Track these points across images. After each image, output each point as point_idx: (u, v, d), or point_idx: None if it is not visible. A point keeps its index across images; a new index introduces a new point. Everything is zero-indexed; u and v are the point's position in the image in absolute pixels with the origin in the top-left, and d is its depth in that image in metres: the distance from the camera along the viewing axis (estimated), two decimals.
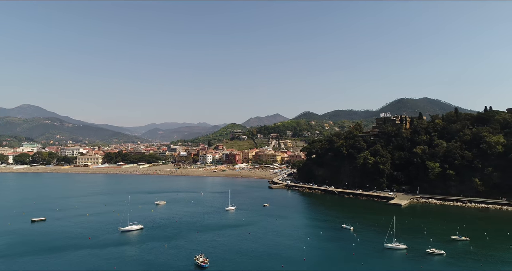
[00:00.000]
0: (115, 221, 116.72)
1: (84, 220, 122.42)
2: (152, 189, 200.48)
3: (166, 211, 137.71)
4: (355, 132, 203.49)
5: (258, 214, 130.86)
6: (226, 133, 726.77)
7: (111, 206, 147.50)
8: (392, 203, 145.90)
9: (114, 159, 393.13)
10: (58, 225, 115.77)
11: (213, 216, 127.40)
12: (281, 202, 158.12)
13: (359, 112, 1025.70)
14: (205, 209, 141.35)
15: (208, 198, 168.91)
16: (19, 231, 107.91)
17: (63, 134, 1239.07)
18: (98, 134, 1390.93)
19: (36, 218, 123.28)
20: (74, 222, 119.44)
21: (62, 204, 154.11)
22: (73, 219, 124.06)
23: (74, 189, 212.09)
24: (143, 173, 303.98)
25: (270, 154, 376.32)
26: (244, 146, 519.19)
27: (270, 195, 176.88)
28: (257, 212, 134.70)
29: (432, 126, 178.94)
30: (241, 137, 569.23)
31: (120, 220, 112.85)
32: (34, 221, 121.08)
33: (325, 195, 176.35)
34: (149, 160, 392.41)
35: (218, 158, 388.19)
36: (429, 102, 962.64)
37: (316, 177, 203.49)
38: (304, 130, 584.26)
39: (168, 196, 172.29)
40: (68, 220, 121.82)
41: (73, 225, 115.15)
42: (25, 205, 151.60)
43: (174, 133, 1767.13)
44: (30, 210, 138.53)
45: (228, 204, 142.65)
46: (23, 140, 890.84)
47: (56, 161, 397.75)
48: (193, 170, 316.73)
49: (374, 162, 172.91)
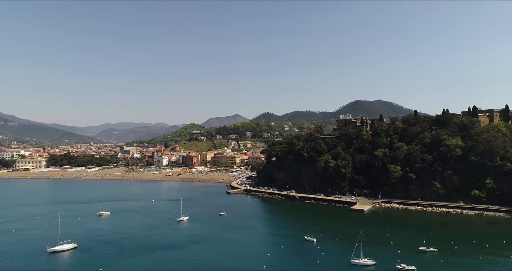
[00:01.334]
0: (45, 238, 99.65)
1: (6, 238, 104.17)
2: (97, 197, 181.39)
3: (109, 224, 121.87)
4: (315, 134, 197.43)
5: (214, 225, 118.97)
6: (185, 134, 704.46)
7: (44, 219, 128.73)
8: (354, 208, 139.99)
9: (59, 162, 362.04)
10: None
11: (162, 229, 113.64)
12: (239, 209, 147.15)
13: (317, 113, 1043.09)
14: (155, 220, 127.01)
15: (159, 206, 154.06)
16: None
17: (7, 135, 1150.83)
18: (47, 134, 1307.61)
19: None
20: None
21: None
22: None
23: (5, 197, 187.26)
24: (90, 178, 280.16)
25: (229, 155, 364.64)
26: (202, 147, 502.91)
27: (227, 202, 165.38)
28: (212, 223, 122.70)
29: (392, 129, 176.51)
30: (200, 138, 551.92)
31: (50, 238, 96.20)
32: None
33: (286, 200, 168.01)
34: (99, 163, 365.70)
35: (175, 160, 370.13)
36: (383, 105, 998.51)
37: (276, 180, 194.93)
38: (264, 131, 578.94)
39: (114, 205, 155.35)
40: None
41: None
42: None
43: (130, 133, 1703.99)
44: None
45: (181, 214, 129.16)
46: None
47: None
48: (146, 174, 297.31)
49: (336, 165, 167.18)
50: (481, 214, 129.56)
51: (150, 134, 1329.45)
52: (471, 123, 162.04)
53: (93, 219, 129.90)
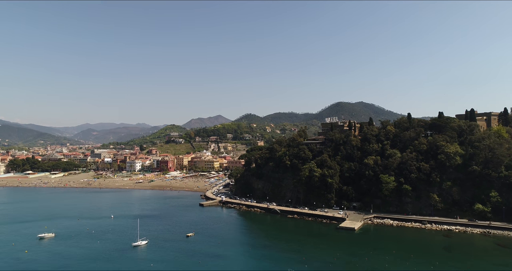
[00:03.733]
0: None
1: None
2: (48, 212, 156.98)
3: (47, 252, 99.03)
4: (299, 139, 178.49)
5: (176, 253, 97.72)
6: (164, 135, 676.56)
7: None
8: (343, 226, 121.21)
9: (21, 166, 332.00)
10: None
11: (110, 261, 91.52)
12: (211, 228, 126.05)
13: (300, 114, 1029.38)
14: (106, 246, 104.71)
15: (117, 225, 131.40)
16: None
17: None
18: (21, 135, 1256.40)
19: None
20: None
21: None
22: None
23: None
24: (52, 185, 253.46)
25: (207, 160, 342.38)
26: (180, 150, 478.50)
27: (199, 217, 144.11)
28: (175, 249, 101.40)
29: (383, 134, 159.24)
30: (178, 140, 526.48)
31: None
32: None
33: (266, 215, 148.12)
34: (65, 168, 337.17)
35: (149, 165, 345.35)
36: (364, 106, 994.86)
37: (255, 191, 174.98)
38: (245, 133, 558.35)
39: (63, 224, 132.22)
40: None
41: None
42: None
43: (110, 134, 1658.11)
44: None
45: (138, 237, 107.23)
46: None
47: None
48: (115, 180, 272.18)
49: (321, 175, 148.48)
50: (487, 232, 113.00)
51: (130, 135, 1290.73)
52: (469, 128, 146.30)
53: (30, 244, 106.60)
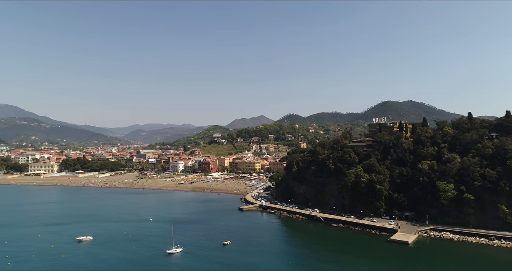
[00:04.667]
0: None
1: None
2: (89, 213, 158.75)
3: (83, 257, 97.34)
4: (343, 141, 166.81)
5: (211, 263, 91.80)
6: (208, 135, 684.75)
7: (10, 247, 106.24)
8: (395, 239, 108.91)
9: (72, 166, 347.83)
10: None
11: (144, 268, 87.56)
12: (250, 236, 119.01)
13: (344, 114, 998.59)
14: (141, 252, 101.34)
15: (155, 229, 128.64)
16: None
17: (39, 136, 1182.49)
18: (77, 135, 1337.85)
19: None
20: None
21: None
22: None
23: None
24: (99, 185, 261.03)
25: (248, 161, 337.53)
26: (223, 151, 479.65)
27: (238, 223, 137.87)
28: (211, 258, 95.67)
29: (440, 136, 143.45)
30: (220, 141, 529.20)
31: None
32: None
33: (308, 222, 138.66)
34: (112, 168, 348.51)
35: (191, 166, 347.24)
36: (414, 105, 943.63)
37: (296, 195, 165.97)
38: (287, 134, 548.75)
39: (102, 226, 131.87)
40: None
41: None
42: None
43: (157, 135, 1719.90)
44: None
45: (172, 244, 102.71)
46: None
47: (6, 169, 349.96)
48: (158, 181, 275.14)
49: (369, 180, 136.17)
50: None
51: (175, 135, 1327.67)
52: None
53: (68, 248, 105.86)
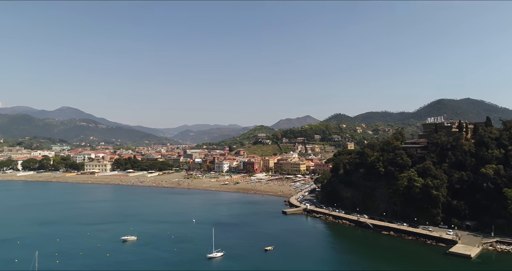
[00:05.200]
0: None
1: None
2: (135, 213, 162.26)
3: (125, 258, 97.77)
4: (395, 143, 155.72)
5: (252, 269, 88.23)
6: (253, 136, 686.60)
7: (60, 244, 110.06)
8: (455, 252, 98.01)
9: (123, 165, 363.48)
10: None
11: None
12: (293, 241, 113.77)
13: (394, 114, 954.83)
14: (181, 255, 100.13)
15: (197, 230, 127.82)
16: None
17: (96, 136, 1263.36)
18: (130, 135, 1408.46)
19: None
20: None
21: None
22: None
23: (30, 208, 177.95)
24: (147, 184, 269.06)
25: (293, 162, 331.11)
26: (267, 151, 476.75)
27: (281, 227, 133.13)
28: (251, 264, 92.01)
29: (507, 137, 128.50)
30: (265, 141, 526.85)
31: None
32: None
33: (356, 229, 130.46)
34: (160, 167, 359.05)
35: (236, 166, 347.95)
36: (472, 103, 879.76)
37: (343, 199, 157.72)
38: (334, 134, 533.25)
39: (147, 226, 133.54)
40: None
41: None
42: None
43: (205, 135, 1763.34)
44: None
45: (213, 248, 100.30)
46: (56, 141, 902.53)
47: (65, 167, 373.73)
48: (203, 181, 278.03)
49: (423, 185, 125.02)
50: None
51: (222, 135, 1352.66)
52: None
53: (113, 247, 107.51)
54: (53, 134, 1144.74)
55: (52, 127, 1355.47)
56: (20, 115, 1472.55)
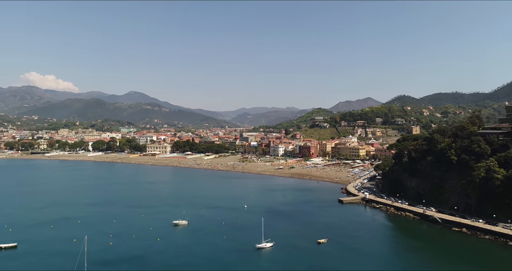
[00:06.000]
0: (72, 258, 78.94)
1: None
2: (189, 196, 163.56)
3: (175, 243, 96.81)
4: (470, 128, 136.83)
5: (303, 263, 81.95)
6: (310, 119, 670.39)
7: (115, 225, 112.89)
8: None
9: (182, 147, 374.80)
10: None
11: (232, 265, 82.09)
12: (349, 234, 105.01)
13: (467, 95, 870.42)
14: (230, 243, 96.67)
15: (248, 217, 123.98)
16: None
17: (160, 119, 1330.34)
18: (191, 118, 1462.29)
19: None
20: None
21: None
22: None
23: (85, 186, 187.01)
24: (203, 167, 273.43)
25: (351, 146, 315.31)
26: (324, 135, 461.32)
27: (336, 217, 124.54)
28: (303, 258, 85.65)
29: None
30: (323, 125, 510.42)
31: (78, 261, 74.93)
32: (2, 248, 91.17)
33: (421, 223, 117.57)
34: (217, 150, 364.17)
35: (291, 150, 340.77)
36: None
37: (407, 190, 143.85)
38: (397, 117, 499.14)
39: (198, 210, 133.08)
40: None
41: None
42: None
43: (262, 118, 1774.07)
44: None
45: (262, 238, 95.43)
46: (124, 124, 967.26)
47: (129, 149, 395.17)
48: (257, 165, 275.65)
49: (506, 177, 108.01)
50: None
51: (279, 118, 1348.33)
52: None
53: (164, 231, 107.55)
54: (121, 117, 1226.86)
55: (121, 111, 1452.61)
56: (93, 100, 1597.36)
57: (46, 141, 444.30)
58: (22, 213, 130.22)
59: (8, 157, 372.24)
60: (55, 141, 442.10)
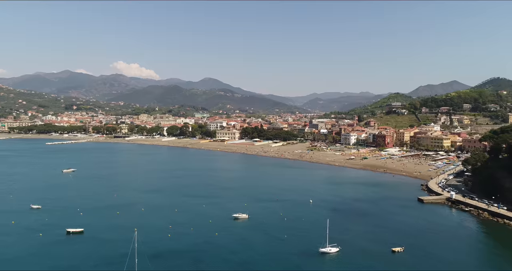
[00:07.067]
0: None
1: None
2: (253, 185, 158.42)
3: (233, 240, 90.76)
4: None
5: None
6: (386, 104, 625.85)
7: (177, 215, 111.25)
8: None
9: (250, 134, 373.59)
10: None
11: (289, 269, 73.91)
12: (432, 244, 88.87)
13: None
14: (289, 244, 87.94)
15: (312, 214, 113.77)
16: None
17: (232, 105, 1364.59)
18: (262, 104, 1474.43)
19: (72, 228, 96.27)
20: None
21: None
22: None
23: None
24: (269, 155, 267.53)
25: (434, 136, 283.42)
26: (402, 123, 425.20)
27: (415, 221, 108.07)
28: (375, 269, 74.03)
29: None
30: (400, 111, 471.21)
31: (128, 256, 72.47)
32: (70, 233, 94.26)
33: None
34: (285, 137, 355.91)
35: (364, 139, 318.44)
36: None
37: (505, 191, 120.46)
38: (489, 103, 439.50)
39: (260, 204, 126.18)
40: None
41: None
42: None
43: (334, 103, 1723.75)
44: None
45: (327, 242, 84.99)
46: (199, 109, 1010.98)
47: (200, 134, 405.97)
48: (326, 154, 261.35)
49: None
50: None
51: (352, 104, 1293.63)
52: None
53: (223, 225, 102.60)
54: (196, 103, 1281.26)
55: (196, 97, 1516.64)
56: (171, 86, 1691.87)
57: (127, 126, 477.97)
58: (95, 197, 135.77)
59: (94, 140, 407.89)
60: (134, 126, 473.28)
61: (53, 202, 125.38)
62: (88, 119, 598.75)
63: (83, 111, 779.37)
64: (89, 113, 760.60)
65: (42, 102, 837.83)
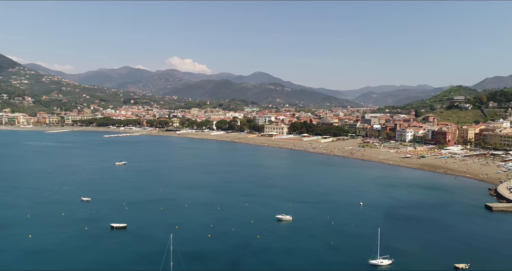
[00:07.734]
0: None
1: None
2: (300, 186, 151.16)
3: (274, 244, 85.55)
4: None
5: None
6: (448, 98, 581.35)
7: (219, 213, 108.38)
8: None
9: (299, 129, 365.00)
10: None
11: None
12: (504, 261, 77.20)
13: None
14: (336, 253, 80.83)
15: (362, 219, 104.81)
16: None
17: (282, 98, 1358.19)
18: (312, 98, 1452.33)
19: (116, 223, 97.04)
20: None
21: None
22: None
23: None
24: (318, 152, 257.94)
25: (503, 133, 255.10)
26: (466, 118, 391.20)
27: (482, 231, 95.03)
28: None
29: None
30: (463, 106, 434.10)
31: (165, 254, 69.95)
32: (114, 228, 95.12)
33: None
34: (335, 133, 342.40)
35: (422, 135, 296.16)
36: None
37: None
38: None
39: (305, 205, 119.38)
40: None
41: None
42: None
43: (389, 97, 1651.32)
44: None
45: (378, 253, 76.61)
46: (249, 103, 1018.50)
47: (248, 129, 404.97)
48: (380, 151, 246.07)
49: None
50: None
51: (409, 98, 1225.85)
52: None
53: (265, 227, 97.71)
54: (247, 97, 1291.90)
55: (247, 91, 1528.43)
56: (222, 81, 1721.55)
57: (178, 120, 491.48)
58: (141, 191, 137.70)
59: (148, 133, 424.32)
60: (185, 120, 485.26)
61: (102, 195, 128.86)
62: (143, 113, 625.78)
63: (139, 105, 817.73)
64: (144, 107, 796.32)
65: (104, 97, 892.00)
